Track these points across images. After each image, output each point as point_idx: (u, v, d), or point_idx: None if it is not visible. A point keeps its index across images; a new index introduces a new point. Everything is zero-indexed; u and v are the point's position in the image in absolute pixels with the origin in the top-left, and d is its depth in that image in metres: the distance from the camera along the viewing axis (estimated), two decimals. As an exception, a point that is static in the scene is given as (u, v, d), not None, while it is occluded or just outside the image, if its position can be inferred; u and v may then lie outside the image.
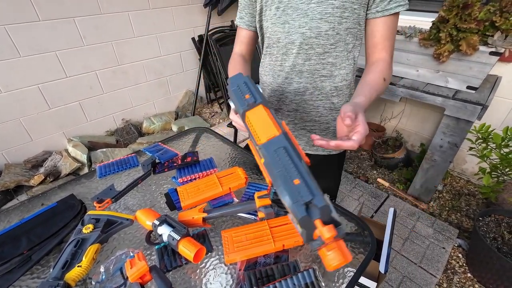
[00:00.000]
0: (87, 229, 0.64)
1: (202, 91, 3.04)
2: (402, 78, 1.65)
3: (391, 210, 0.96)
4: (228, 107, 2.95)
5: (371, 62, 0.73)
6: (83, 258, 0.59)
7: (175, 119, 2.80)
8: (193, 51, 2.81)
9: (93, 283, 0.56)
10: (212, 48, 2.68)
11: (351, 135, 0.52)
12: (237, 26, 0.85)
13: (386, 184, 2.02)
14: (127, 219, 0.70)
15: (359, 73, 0.75)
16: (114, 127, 2.53)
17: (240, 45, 0.88)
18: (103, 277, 0.57)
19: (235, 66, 0.83)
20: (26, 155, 2.07)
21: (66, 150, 2.18)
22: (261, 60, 0.85)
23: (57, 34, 1.95)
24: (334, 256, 0.37)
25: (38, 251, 0.64)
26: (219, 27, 2.84)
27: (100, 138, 2.37)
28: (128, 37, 2.32)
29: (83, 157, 2.08)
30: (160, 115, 2.74)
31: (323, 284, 0.57)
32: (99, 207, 0.76)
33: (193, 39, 2.74)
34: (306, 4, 0.65)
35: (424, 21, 1.65)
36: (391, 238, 0.87)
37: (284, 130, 0.49)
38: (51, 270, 0.59)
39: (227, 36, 2.82)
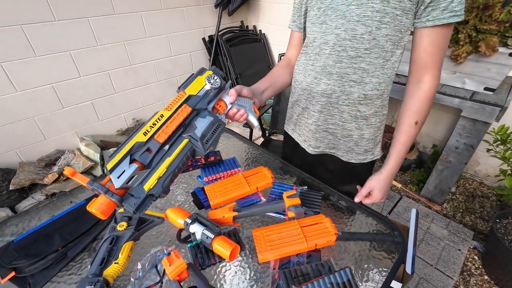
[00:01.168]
0: (121, 226, 0.65)
1: (211, 91, 3.05)
2: (417, 79, 1.64)
3: (413, 211, 0.95)
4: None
5: (411, 83, 0.71)
6: (119, 255, 0.60)
7: (185, 119, 2.81)
8: (203, 51, 2.82)
9: (132, 279, 0.57)
10: (222, 48, 2.69)
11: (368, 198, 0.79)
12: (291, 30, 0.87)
13: (399, 185, 2.01)
14: (158, 217, 0.70)
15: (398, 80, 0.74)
16: (125, 127, 2.54)
17: (291, 49, 0.90)
18: (140, 274, 0.58)
19: (273, 69, 0.89)
20: (40, 154, 2.08)
21: (79, 149, 2.19)
22: (297, 59, 0.85)
23: (72, 34, 1.96)
24: None
25: (72, 248, 0.65)
26: (230, 27, 2.85)
27: (111, 138, 2.38)
28: (140, 37, 2.33)
29: (96, 156, 2.10)
30: (170, 115, 2.75)
31: (359, 284, 0.57)
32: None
33: (203, 39, 2.75)
34: (345, 6, 0.65)
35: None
36: (416, 238, 0.86)
37: None
38: (88, 266, 0.59)
39: (237, 36, 2.83)
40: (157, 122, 0.49)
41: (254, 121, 0.66)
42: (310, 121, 0.84)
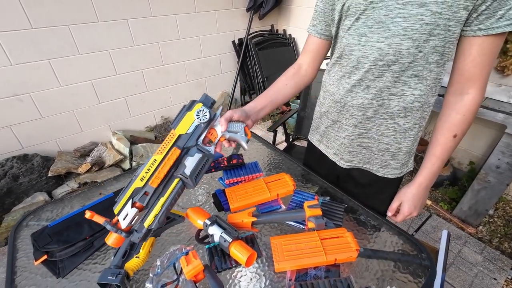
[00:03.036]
0: None
1: (237, 93, 3.08)
2: (456, 90, 1.53)
3: (445, 232, 0.89)
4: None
5: (451, 94, 0.66)
6: (141, 250, 0.62)
7: (210, 119, 2.87)
8: (232, 53, 2.87)
9: (150, 275, 0.58)
10: (251, 51, 2.72)
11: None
12: (308, 34, 0.82)
13: (428, 202, 1.89)
14: (180, 216, 0.72)
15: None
16: (154, 124, 2.66)
17: (306, 55, 0.83)
18: (159, 270, 0.59)
19: (276, 81, 0.83)
20: (76, 145, 2.24)
21: (111, 143, 2.32)
22: (328, 68, 0.80)
23: (112, 34, 2.09)
24: None
25: (99, 238, 0.68)
26: (259, 31, 2.87)
27: (140, 133, 2.50)
28: (173, 38, 2.42)
29: (126, 150, 2.21)
30: (196, 115, 2.82)
31: (381, 306, 0.54)
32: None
33: (233, 42, 2.79)
34: (390, 18, 0.59)
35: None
36: (446, 263, 0.80)
37: None
38: (111, 258, 0.62)
39: (266, 40, 2.84)
40: (151, 167, 0.56)
41: (245, 145, 0.67)
42: (343, 135, 0.80)
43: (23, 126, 1.94)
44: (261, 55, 2.75)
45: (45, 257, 0.62)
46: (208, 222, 0.66)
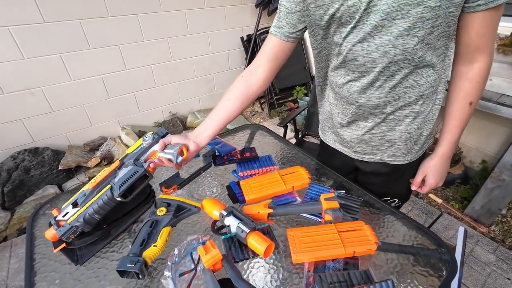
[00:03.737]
0: (161, 211, 0.67)
1: (244, 90, 3.08)
2: (471, 86, 1.50)
3: (461, 229, 0.88)
4: (269, 106, 2.95)
5: (460, 64, 0.66)
6: (158, 239, 0.62)
7: (218, 115, 2.87)
8: (240, 50, 2.86)
9: (168, 263, 0.58)
10: (259, 48, 2.70)
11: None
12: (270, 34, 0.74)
13: (439, 200, 1.86)
14: (195, 207, 0.71)
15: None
16: (162, 119, 2.67)
17: (264, 61, 0.76)
18: (177, 259, 0.59)
19: (227, 95, 0.78)
20: (85, 139, 2.26)
21: (119, 137, 2.34)
22: (332, 73, 0.76)
23: (121, 29, 2.10)
24: None
25: (116, 227, 0.68)
26: (268, 27, 2.85)
27: (148, 129, 2.51)
28: (182, 34, 2.42)
29: (134, 145, 2.22)
30: (203, 111, 2.83)
31: (402, 299, 0.53)
32: (166, 192, 0.79)
33: (241, 38, 2.79)
34: (388, 21, 0.57)
35: (506, 26, 1.48)
36: (463, 259, 0.78)
37: None
38: (129, 246, 0.62)
39: (275, 36, 2.82)
40: (98, 176, 0.68)
41: (173, 162, 0.71)
42: (361, 132, 0.78)
43: (34, 120, 1.96)
44: (270, 52, 2.74)
45: (63, 245, 0.62)
46: (225, 213, 0.66)
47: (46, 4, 1.75)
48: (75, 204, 0.65)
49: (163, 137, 0.74)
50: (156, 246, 0.61)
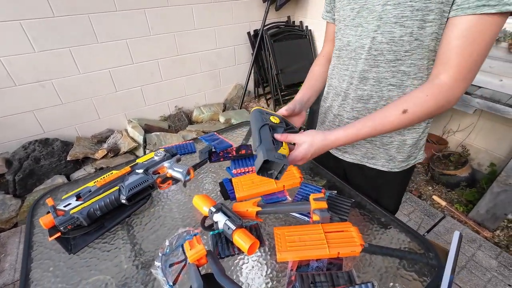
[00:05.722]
0: (275, 119, 0.67)
1: (251, 85, 3.07)
2: (480, 87, 1.46)
3: (456, 233, 0.86)
4: (275, 103, 2.95)
5: (427, 80, 0.60)
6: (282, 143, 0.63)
7: (223, 110, 2.88)
8: (247, 45, 2.85)
9: (159, 254, 0.60)
10: (266, 44, 2.69)
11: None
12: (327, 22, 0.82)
13: (443, 203, 1.82)
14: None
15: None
16: (168, 113, 2.70)
17: (328, 44, 0.84)
18: (168, 250, 0.61)
19: (312, 69, 0.86)
20: (93, 131, 2.32)
21: (126, 130, 2.39)
22: (331, 62, 0.80)
23: (130, 23, 2.13)
24: None
25: (109, 220, 0.71)
26: (275, 23, 2.83)
27: (155, 122, 2.55)
28: (189, 28, 2.43)
29: (140, 138, 2.27)
30: (209, 106, 2.84)
31: (382, 302, 0.53)
32: (161, 186, 0.81)
33: (248, 33, 2.77)
34: (381, 6, 0.58)
35: (518, 23, 1.42)
36: (455, 264, 0.77)
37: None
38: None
39: (282, 32, 2.80)
40: (107, 176, 0.75)
41: (182, 180, 0.78)
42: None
43: (44, 111, 2.03)
44: (276, 47, 2.72)
45: (58, 234, 0.65)
46: (214, 209, 0.67)
47: (56, -1, 1.79)
48: (78, 197, 0.69)
49: (173, 156, 0.84)
50: (284, 148, 0.62)
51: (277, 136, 0.64)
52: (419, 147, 0.77)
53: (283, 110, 0.73)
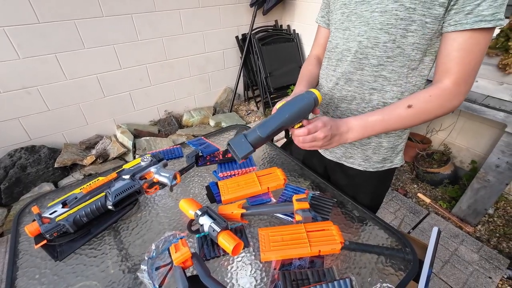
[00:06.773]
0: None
1: (240, 88, 3.10)
2: (458, 88, 1.52)
3: (435, 229, 0.90)
4: (264, 105, 2.98)
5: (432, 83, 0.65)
6: None
7: (213, 114, 2.90)
8: (236, 49, 2.88)
9: (146, 258, 0.61)
10: (254, 47, 2.72)
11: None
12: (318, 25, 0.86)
13: (427, 200, 1.88)
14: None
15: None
16: (157, 118, 2.70)
17: (318, 47, 0.88)
18: (154, 254, 0.63)
19: (307, 68, 0.87)
20: (81, 137, 2.30)
21: (115, 136, 2.37)
22: (322, 63, 0.84)
23: (116, 29, 2.12)
24: None
25: (96, 226, 0.71)
26: (263, 27, 2.87)
27: (144, 127, 2.54)
28: (177, 33, 2.44)
29: (129, 144, 2.26)
30: (199, 109, 2.85)
31: (359, 296, 0.56)
32: (148, 191, 0.82)
33: (236, 37, 2.80)
34: (369, 12, 0.62)
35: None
36: (433, 259, 0.81)
37: None
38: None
39: (270, 35, 2.84)
40: (93, 183, 0.74)
41: (168, 184, 0.79)
42: None
43: (31, 118, 2.00)
44: (265, 51, 2.76)
45: (44, 241, 0.66)
46: (199, 213, 0.69)
47: (41, 4, 1.78)
48: (64, 204, 0.69)
49: (159, 161, 0.85)
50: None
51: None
52: (396, 151, 0.80)
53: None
